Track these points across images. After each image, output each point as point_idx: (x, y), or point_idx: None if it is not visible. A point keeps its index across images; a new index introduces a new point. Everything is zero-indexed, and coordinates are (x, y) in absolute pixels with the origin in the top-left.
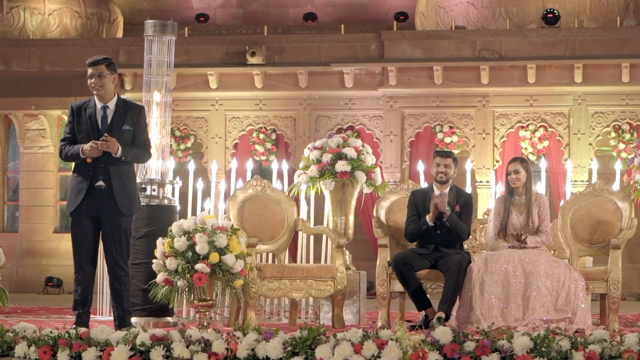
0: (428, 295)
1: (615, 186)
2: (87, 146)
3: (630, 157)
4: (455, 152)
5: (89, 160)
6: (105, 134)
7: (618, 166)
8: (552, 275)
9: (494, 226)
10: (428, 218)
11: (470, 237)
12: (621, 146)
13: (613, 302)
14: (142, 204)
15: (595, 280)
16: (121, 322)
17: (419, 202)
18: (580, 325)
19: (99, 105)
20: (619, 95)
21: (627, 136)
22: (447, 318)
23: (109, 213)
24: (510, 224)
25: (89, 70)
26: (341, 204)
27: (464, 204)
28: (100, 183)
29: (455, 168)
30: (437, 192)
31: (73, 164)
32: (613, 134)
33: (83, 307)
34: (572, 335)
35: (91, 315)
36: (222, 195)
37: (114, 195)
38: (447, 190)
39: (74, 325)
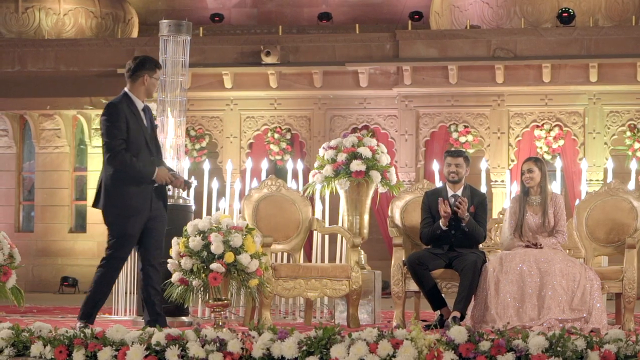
0: (443, 295)
1: (631, 185)
2: (165, 176)
3: None
4: (470, 151)
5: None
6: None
7: (633, 165)
8: (568, 274)
9: (509, 226)
10: (441, 223)
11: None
12: (636, 145)
13: (629, 301)
14: None
15: (610, 279)
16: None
17: (432, 203)
18: (596, 324)
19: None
20: (635, 94)
21: None
22: (463, 317)
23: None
24: (526, 224)
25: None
26: (356, 204)
27: (479, 204)
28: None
29: (467, 167)
30: (450, 192)
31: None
32: (628, 133)
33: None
34: (588, 335)
35: (107, 315)
36: (237, 195)
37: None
38: (460, 190)
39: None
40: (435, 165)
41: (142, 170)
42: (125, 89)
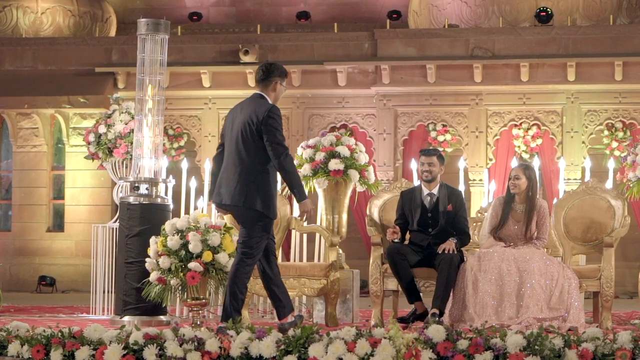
0: (421, 294)
1: (608, 184)
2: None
3: (623, 155)
4: (449, 150)
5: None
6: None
7: (611, 164)
8: (546, 273)
9: (489, 225)
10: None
11: None
12: (614, 144)
13: (606, 300)
14: (135, 202)
15: (588, 278)
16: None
17: (406, 202)
18: (574, 323)
19: None
20: (612, 94)
21: (620, 134)
22: (441, 314)
23: None
24: (507, 230)
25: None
26: (334, 203)
27: (457, 203)
28: None
29: (441, 166)
30: (425, 191)
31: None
32: (606, 132)
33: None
34: (565, 334)
35: (84, 314)
36: None
37: None
38: (436, 189)
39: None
40: (414, 164)
41: (299, 185)
42: (261, 93)
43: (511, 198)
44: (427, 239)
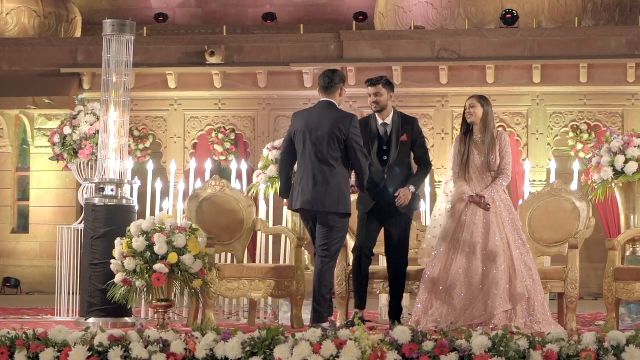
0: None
1: (574, 186)
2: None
3: (588, 157)
4: None
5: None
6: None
7: (576, 166)
8: (508, 267)
9: (455, 165)
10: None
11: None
12: (579, 146)
13: (571, 301)
14: (100, 204)
15: (553, 279)
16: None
17: (363, 132)
18: (540, 317)
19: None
20: (577, 96)
21: (585, 136)
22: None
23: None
24: (472, 163)
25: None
26: None
27: (413, 132)
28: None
29: (390, 93)
30: (379, 120)
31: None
32: (571, 134)
33: None
34: (531, 335)
35: (49, 316)
36: (181, 196)
37: None
38: (389, 118)
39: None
40: None
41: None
42: (330, 100)
43: (470, 131)
44: (381, 177)
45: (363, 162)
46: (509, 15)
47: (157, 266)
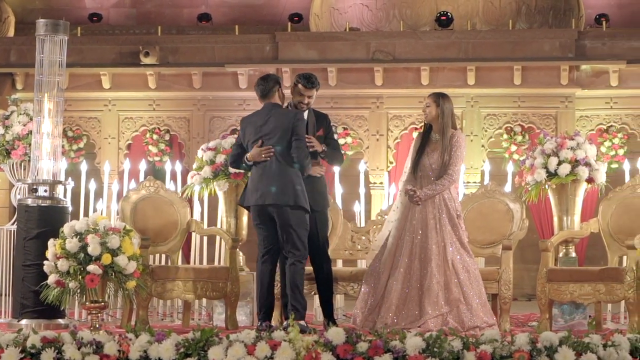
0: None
1: (507, 188)
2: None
3: (521, 158)
4: (349, 153)
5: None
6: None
7: (510, 168)
8: (444, 271)
9: (411, 160)
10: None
11: (364, 239)
12: (513, 148)
13: (505, 302)
14: (33, 204)
15: (487, 280)
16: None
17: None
18: (478, 315)
19: None
20: (511, 98)
21: (519, 138)
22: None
23: None
24: (424, 161)
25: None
26: (235, 205)
27: (326, 126)
28: None
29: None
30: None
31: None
32: (505, 136)
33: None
34: (464, 336)
35: None
36: (115, 196)
37: None
38: (305, 114)
39: None
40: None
41: None
42: (272, 102)
43: (429, 129)
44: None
45: (304, 153)
46: (444, 17)
47: (91, 267)
